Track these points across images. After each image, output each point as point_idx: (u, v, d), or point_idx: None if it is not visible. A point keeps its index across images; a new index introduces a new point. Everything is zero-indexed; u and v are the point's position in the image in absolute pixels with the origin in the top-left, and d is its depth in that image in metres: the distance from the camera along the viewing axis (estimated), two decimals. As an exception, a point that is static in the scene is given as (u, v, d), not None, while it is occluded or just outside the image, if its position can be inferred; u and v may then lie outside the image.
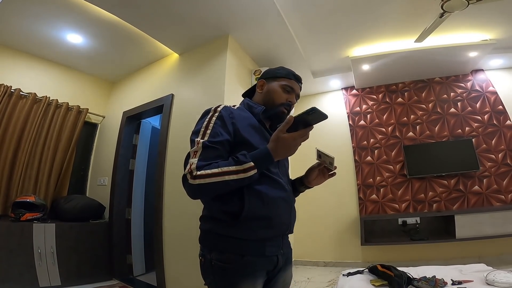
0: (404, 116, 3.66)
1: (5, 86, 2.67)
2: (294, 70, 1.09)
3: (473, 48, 3.03)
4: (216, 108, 0.92)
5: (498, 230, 2.73)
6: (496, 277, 1.46)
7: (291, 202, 0.97)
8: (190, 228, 2.27)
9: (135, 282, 2.84)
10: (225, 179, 0.76)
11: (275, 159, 0.82)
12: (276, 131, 0.82)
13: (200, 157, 0.80)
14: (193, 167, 0.77)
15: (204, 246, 0.88)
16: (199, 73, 2.70)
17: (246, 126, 0.91)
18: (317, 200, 3.71)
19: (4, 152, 2.62)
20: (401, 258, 3.08)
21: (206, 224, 0.90)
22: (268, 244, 0.87)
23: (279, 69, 1.07)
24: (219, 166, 0.78)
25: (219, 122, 0.87)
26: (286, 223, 0.92)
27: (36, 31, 2.64)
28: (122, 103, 3.39)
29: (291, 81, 1.03)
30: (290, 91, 1.03)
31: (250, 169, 0.78)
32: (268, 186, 0.88)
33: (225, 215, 0.84)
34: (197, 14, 2.34)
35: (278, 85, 1.03)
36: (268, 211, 0.86)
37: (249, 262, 0.83)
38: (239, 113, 0.94)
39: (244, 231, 0.83)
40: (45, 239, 2.40)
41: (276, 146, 0.81)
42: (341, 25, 2.74)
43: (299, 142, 0.83)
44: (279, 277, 0.93)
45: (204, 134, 0.84)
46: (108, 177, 3.14)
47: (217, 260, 0.83)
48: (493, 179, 3.13)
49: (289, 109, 1.03)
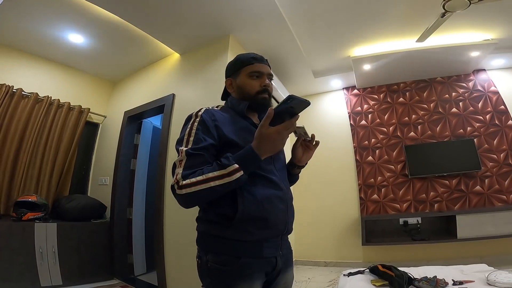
0: (406, 116, 3.65)
1: (7, 86, 2.67)
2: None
3: (474, 48, 3.02)
4: (197, 113, 0.89)
5: (500, 230, 2.72)
6: (497, 278, 1.46)
7: (287, 200, 0.93)
8: (191, 228, 2.27)
9: (136, 281, 2.85)
10: (210, 186, 0.74)
11: (262, 157, 0.78)
12: (258, 127, 0.78)
13: (185, 166, 0.78)
14: (179, 177, 0.76)
15: (201, 247, 0.87)
16: (200, 73, 2.70)
17: (230, 127, 0.89)
18: (318, 200, 3.72)
19: (6, 151, 2.63)
20: (402, 258, 3.08)
21: (202, 225, 0.88)
22: (266, 245, 0.85)
23: (237, 61, 1.01)
24: (203, 173, 0.76)
25: (200, 127, 0.85)
26: (283, 223, 0.89)
27: (37, 31, 2.65)
28: (123, 103, 3.40)
29: (254, 66, 0.97)
30: (259, 75, 0.97)
31: (235, 172, 0.75)
32: (261, 186, 0.85)
33: (220, 218, 0.82)
34: (198, 14, 2.34)
35: (245, 76, 0.97)
36: (263, 211, 0.83)
37: (246, 264, 0.81)
38: (222, 114, 0.92)
39: (240, 232, 0.81)
40: (47, 238, 2.40)
41: (260, 143, 0.78)
42: (342, 25, 2.74)
43: (285, 135, 0.78)
44: (279, 279, 0.90)
45: (188, 142, 0.83)
46: (109, 177, 3.15)
47: (214, 262, 0.82)
48: (494, 179, 3.12)
49: (269, 93, 0.97)
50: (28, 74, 2.97)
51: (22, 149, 2.75)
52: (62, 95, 3.12)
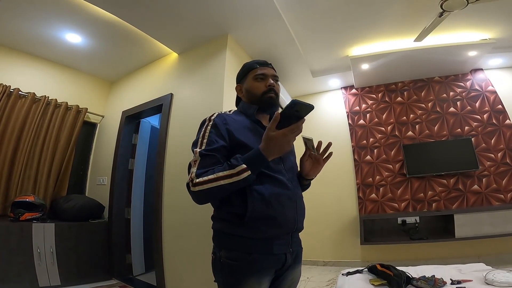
0: (404, 116, 3.66)
1: (4, 86, 2.66)
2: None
3: (472, 48, 3.03)
4: (210, 117, 0.97)
5: (498, 230, 2.74)
6: (495, 277, 1.46)
7: (296, 199, 0.97)
8: (190, 227, 2.27)
9: (134, 281, 2.84)
10: (220, 184, 0.81)
11: (269, 158, 0.83)
12: (266, 130, 0.83)
13: (198, 166, 0.85)
14: (193, 176, 0.83)
15: (215, 244, 0.93)
16: (198, 72, 2.69)
17: (240, 129, 0.95)
18: (316, 199, 3.71)
19: (3, 151, 2.62)
20: (400, 258, 3.09)
21: (216, 224, 0.95)
22: (276, 243, 0.89)
23: (243, 68, 1.11)
24: (214, 172, 0.82)
25: (213, 130, 0.92)
26: (292, 221, 0.93)
27: (35, 30, 2.63)
28: (121, 103, 3.39)
29: (258, 69, 1.06)
30: (263, 77, 1.05)
31: (243, 172, 0.81)
32: (269, 186, 0.89)
33: (232, 216, 0.88)
34: (196, 13, 2.33)
35: (251, 80, 1.06)
36: (271, 211, 0.87)
37: (256, 260, 0.85)
38: (233, 117, 0.99)
39: (250, 230, 0.86)
40: (45, 238, 2.39)
41: (267, 145, 0.82)
42: (341, 24, 2.74)
43: (292, 138, 0.82)
44: (287, 275, 0.95)
45: (202, 144, 0.90)
46: (107, 177, 3.14)
47: (226, 258, 0.87)
48: (492, 178, 3.14)
49: (275, 92, 1.04)
50: (25, 73, 2.95)
51: (19, 149, 2.74)
52: (59, 95, 3.10)
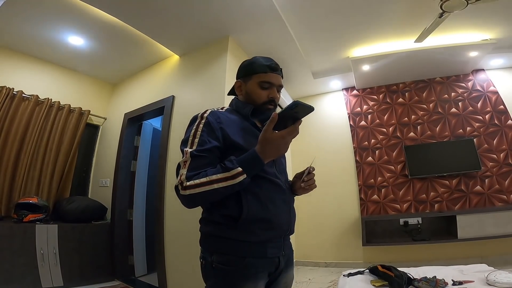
0: (405, 117, 3.65)
1: (7, 88, 2.69)
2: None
3: (473, 48, 3.02)
4: (202, 114, 0.90)
5: (500, 230, 2.72)
6: (497, 278, 1.46)
7: (290, 202, 0.96)
8: (192, 229, 2.27)
9: (136, 283, 2.85)
10: (214, 187, 0.76)
11: (265, 161, 0.79)
12: (262, 132, 0.78)
13: (189, 167, 0.79)
14: (183, 178, 0.78)
15: (205, 248, 0.88)
16: (199, 74, 2.71)
17: (235, 129, 0.89)
18: (318, 201, 3.71)
19: (6, 153, 2.64)
20: (403, 259, 3.07)
21: (207, 226, 0.89)
22: (270, 246, 0.87)
23: (252, 64, 0.98)
24: (207, 175, 0.77)
25: (206, 129, 0.85)
26: (286, 224, 0.91)
27: (37, 33, 2.66)
28: (123, 105, 3.41)
29: (267, 75, 0.95)
30: (269, 86, 0.96)
31: (239, 175, 0.76)
32: (265, 188, 0.87)
33: (225, 219, 0.84)
34: (197, 16, 2.35)
35: (255, 83, 0.96)
36: (267, 213, 0.85)
37: (251, 264, 0.82)
38: (227, 116, 0.92)
39: (245, 233, 0.83)
40: (48, 240, 2.41)
41: (263, 147, 0.78)
42: (341, 26, 2.75)
43: (289, 140, 0.79)
44: (280, 279, 0.92)
45: (192, 143, 0.84)
46: (110, 179, 3.16)
47: (218, 262, 0.82)
48: (495, 179, 3.12)
49: (275, 104, 0.98)
50: (28, 76, 2.98)
51: (23, 151, 2.76)
52: (62, 97, 3.13)
